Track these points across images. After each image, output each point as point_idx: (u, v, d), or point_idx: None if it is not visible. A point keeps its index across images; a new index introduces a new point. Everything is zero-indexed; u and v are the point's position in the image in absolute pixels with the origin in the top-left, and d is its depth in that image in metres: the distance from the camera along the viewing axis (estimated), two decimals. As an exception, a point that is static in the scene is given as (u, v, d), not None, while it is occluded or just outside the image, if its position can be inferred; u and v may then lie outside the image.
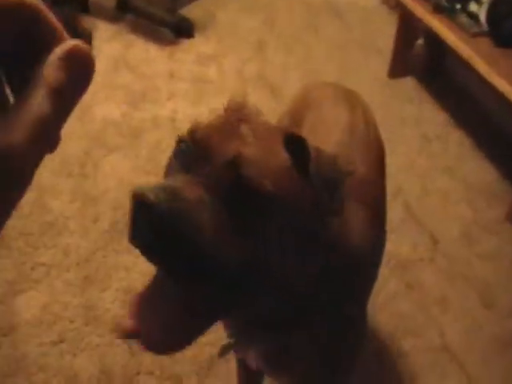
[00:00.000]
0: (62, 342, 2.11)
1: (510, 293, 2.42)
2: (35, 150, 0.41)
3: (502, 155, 3.05)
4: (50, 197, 2.62)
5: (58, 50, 0.42)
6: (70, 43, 0.43)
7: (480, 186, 2.91)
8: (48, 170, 2.74)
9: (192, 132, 0.90)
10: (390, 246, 2.47)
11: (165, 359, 2.04)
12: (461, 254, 2.57)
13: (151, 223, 0.77)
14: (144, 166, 2.82)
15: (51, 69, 0.42)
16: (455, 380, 2.11)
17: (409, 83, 3.59)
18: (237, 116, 0.93)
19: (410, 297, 2.35)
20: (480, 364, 2.17)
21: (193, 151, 0.87)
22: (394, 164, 2.89)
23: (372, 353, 2.14)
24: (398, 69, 3.61)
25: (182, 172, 0.86)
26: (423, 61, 3.67)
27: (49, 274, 2.32)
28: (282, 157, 0.90)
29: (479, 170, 3.01)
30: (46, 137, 0.42)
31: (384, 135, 3.15)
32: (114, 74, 3.44)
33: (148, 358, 2.05)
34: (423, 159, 3.05)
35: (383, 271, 2.33)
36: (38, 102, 0.41)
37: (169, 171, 0.93)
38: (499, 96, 2.65)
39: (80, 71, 0.43)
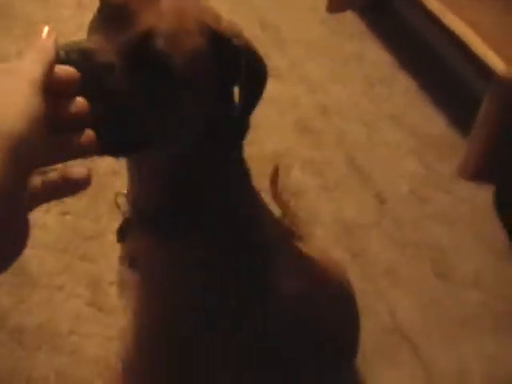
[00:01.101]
0: None
1: (466, 260, 2.14)
2: None
3: (453, 103, 2.75)
4: None
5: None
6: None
7: (429, 137, 2.63)
8: None
9: None
10: (332, 207, 2.19)
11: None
12: (410, 216, 2.29)
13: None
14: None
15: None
16: (409, 366, 1.85)
17: (349, 18, 3.26)
18: None
19: (356, 266, 2.07)
20: (436, 346, 1.91)
21: (113, 13, 0.89)
22: (335, 108, 2.59)
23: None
24: (337, 2, 3.26)
25: (100, 32, 0.89)
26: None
27: None
28: (197, 40, 0.92)
29: (428, 119, 2.71)
30: None
31: (323, 74, 2.87)
32: None
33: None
34: (367, 105, 2.73)
35: (328, 235, 2.04)
36: None
37: (92, 27, 0.93)
38: (451, 37, 2.33)
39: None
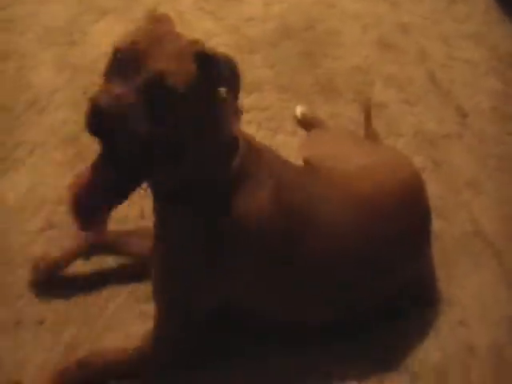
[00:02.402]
0: (50, 228, 1.86)
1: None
2: None
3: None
4: (32, 69, 2.33)
5: None
6: None
7: (509, 55, 2.61)
8: (28, 39, 2.42)
9: (125, 43, 1.24)
10: (414, 120, 2.24)
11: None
12: (492, 131, 2.32)
13: (100, 120, 1.16)
14: (139, 30, 2.49)
15: None
16: (490, 268, 1.90)
17: None
18: (158, 29, 1.31)
19: (438, 176, 2.12)
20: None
21: (126, 61, 1.22)
22: (415, 25, 2.61)
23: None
24: None
25: (116, 76, 1.21)
26: None
27: (33, 152, 2.06)
28: (191, 68, 1.26)
29: (508, 38, 2.69)
30: None
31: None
32: None
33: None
34: (448, 22, 2.74)
35: (409, 145, 2.09)
36: None
37: (108, 72, 1.26)
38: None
39: None
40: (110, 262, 1.79)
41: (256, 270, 1.49)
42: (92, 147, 1.93)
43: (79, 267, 1.76)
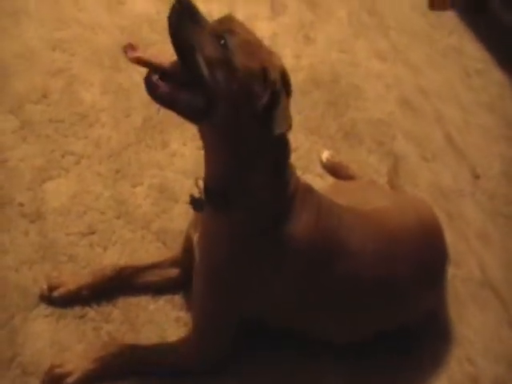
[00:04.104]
0: (92, 233, 2.00)
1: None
2: None
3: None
4: (81, 87, 2.47)
5: None
6: None
7: (521, 125, 2.81)
8: (79, 60, 2.59)
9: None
10: (430, 175, 2.40)
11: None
12: (501, 192, 2.49)
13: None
14: (179, 64, 2.66)
15: None
16: (496, 315, 2.05)
17: (450, 16, 3.47)
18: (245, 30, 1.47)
19: (450, 226, 2.26)
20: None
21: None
22: (433, 90, 2.79)
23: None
24: (439, 1, 3.44)
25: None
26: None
27: (79, 163, 2.19)
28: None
29: (520, 109, 2.90)
30: None
31: (423, 60, 3.07)
32: (146, -30, 3.24)
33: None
34: (463, 91, 2.93)
35: (426, 198, 2.25)
36: None
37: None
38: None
39: None
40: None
41: (293, 286, 1.62)
42: (132, 166, 2.10)
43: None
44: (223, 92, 1.40)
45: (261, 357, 1.80)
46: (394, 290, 1.72)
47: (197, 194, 1.63)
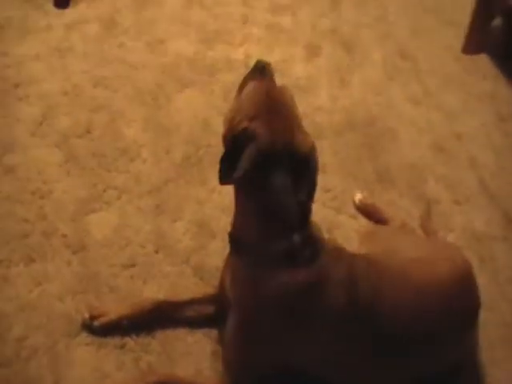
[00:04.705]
0: (132, 266, 2.05)
1: None
2: None
3: None
4: (123, 123, 2.56)
5: None
6: None
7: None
8: (121, 96, 2.68)
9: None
10: (463, 219, 2.43)
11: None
12: (535, 237, 2.50)
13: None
14: (218, 104, 2.74)
15: None
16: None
17: (483, 60, 3.50)
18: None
19: (482, 270, 2.28)
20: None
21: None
22: (467, 135, 2.83)
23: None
24: (473, 44, 3.51)
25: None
26: (500, 39, 3.55)
27: (120, 197, 2.26)
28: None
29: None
30: None
31: (457, 105, 3.12)
32: (187, 11, 3.35)
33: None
34: (497, 136, 2.96)
35: (457, 240, 2.28)
36: None
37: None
38: None
39: None
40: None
41: (324, 342, 1.67)
42: (171, 201, 2.16)
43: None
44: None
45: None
46: (428, 341, 1.75)
47: None
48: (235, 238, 1.67)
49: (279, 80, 1.63)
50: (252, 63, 2.76)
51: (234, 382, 1.73)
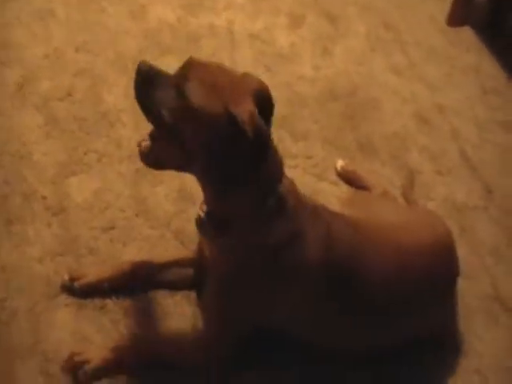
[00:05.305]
0: (112, 228, 2.04)
1: None
2: None
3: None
4: (104, 87, 2.53)
5: None
6: None
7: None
8: (102, 61, 2.64)
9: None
10: (444, 189, 2.43)
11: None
12: (515, 209, 2.50)
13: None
14: (201, 71, 2.70)
15: None
16: (507, 331, 2.08)
17: (467, 33, 3.47)
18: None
19: (463, 240, 2.28)
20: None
21: None
22: (450, 107, 2.82)
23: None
24: (457, 17, 3.48)
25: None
26: (485, 12, 3.52)
27: (101, 161, 2.24)
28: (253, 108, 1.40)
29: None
30: None
31: (440, 77, 3.12)
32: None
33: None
34: (481, 109, 2.95)
35: (438, 210, 2.28)
36: None
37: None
38: None
39: None
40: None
41: (302, 301, 1.67)
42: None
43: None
44: (193, 140, 1.45)
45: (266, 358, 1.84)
46: (406, 304, 1.76)
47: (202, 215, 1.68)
48: (217, 216, 1.62)
49: (262, 48, 1.60)
50: (235, 30, 2.77)
51: (214, 341, 1.73)
